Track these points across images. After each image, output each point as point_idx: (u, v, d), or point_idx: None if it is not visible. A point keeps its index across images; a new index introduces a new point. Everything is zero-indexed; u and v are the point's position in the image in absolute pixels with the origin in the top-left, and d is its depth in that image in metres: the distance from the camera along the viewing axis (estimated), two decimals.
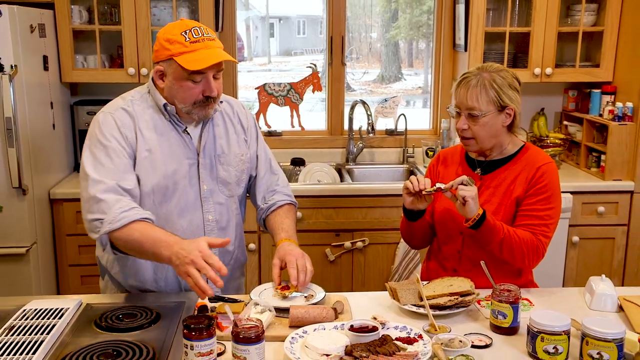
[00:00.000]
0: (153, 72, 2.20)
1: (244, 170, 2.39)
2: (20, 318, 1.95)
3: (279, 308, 2.05)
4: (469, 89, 2.26)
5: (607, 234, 3.78)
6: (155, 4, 3.83)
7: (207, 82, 2.14)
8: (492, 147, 2.34)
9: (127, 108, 2.21)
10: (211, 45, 2.13)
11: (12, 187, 3.22)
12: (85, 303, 2.12)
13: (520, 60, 4.02)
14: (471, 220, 2.15)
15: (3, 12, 3.10)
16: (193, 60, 2.08)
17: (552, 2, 3.81)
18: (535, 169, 2.28)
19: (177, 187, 2.22)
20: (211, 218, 2.29)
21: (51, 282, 3.56)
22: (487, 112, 2.25)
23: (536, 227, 2.24)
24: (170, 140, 2.22)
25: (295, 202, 2.50)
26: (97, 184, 2.07)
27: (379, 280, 3.71)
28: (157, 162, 2.19)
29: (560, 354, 1.77)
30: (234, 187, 2.36)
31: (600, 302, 2.14)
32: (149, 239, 2.00)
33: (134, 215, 2.04)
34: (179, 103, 2.18)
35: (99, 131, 2.16)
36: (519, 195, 2.29)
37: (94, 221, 2.06)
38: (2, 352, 1.74)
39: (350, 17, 4.32)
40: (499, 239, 2.18)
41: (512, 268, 2.32)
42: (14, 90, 3.13)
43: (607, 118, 3.79)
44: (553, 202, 2.28)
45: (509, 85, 2.26)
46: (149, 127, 2.20)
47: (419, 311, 2.05)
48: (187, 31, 2.10)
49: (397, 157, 4.34)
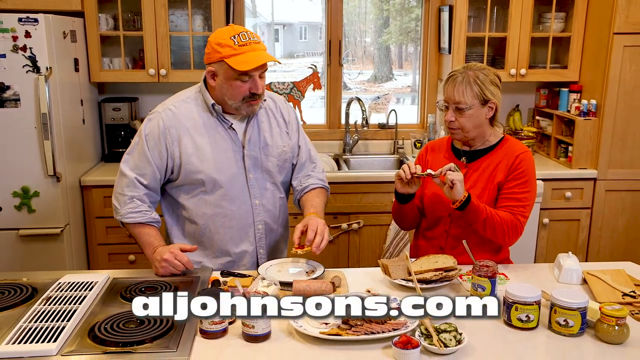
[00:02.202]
0: (205, 73, 2.21)
1: (287, 159, 2.40)
2: (55, 290, 1.96)
3: (283, 282, 2.05)
4: (455, 86, 2.26)
5: (573, 216, 3.78)
6: (173, 11, 3.82)
7: (253, 81, 2.15)
8: (475, 137, 2.33)
9: (173, 109, 2.25)
10: (257, 48, 2.13)
11: (48, 175, 3.23)
12: (112, 277, 2.13)
13: (498, 62, 4.00)
14: (458, 202, 2.14)
15: (40, 20, 3.10)
16: (242, 61, 2.09)
17: (525, 11, 3.80)
18: (515, 157, 2.29)
19: (226, 177, 2.25)
20: (258, 202, 2.32)
21: (82, 259, 3.57)
22: (472, 106, 2.25)
23: (515, 208, 2.25)
24: (218, 136, 2.25)
25: (327, 187, 2.50)
26: (122, 177, 2.25)
27: (372, 258, 3.71)
28: (206, 156, 2.22)
29: (531, 321, 1.78)
30: (276, 175, 2.37)
31: (567, 276, 2.15)
32: (139, 241, 2.26)
33: (138, 218, 2.23)
34: (228, 100, 2.19)
35: (142, 129, 2.25)
36: (500, 181, 2.29)
37: (114, 206, 2.27)
38: (41, 319, 1.75)
39: (346, 23, 4.30)
40: (482, 218, 2.18)
41: (491, 246, 2.33)
42: (49, 89, 3.13)
43: (573, 114, 3.79)
44: (529, 186, 2.28)
45: (490, 82, 2.26)
46: (197, 125, 2.23)
47: (408, 285, 2.05)
48: (236, 35, 2.11)
49: (388, 148, 4.33)
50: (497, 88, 2.29)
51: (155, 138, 2.20)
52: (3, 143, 3.18)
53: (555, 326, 1.76)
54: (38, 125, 3.17)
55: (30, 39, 3.10)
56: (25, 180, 3.24)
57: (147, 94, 4.09)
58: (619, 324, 1.70)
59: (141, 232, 2.24)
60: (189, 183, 2.26)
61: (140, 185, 2.23)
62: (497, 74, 2.31)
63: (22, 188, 3.24)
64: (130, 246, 3.58)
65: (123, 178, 2.24)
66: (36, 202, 3.27)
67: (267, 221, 2.36)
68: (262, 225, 2.34)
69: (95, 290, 1.98)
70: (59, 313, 1.79)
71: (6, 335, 1.68)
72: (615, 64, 3.60)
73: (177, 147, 2.21)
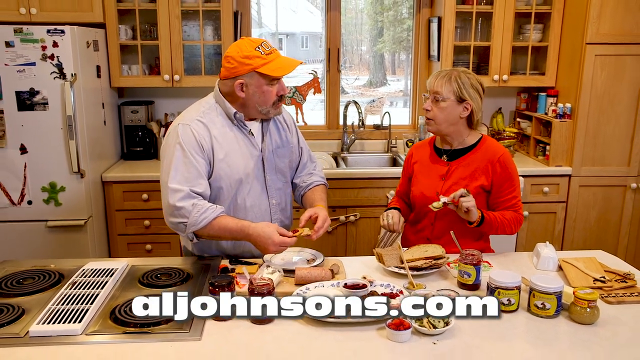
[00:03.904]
0: (235, 89, 2.09)
1: (293, 160, 2.38)
2: (80, 275, 1.97)
3: (287, 269, 2.05)
4: (437, 78, 2.28)
5: (550, 209, 3.79)
6: (186, 22, 3.81)
7: (280, 84, 2.13)
8: (449, 133, 2.32)
9: (201, 119, 2.13)
10: (280, 55, 2.10)
11: (73, 172, 3.23)
12: (130, 265, 2.14)
13: (482, 69, 4.00)
14: (475, 223, 2.17)
15: (66, 31, 3.10)
16: (276, 68, 2.06)
17: (507, 22, 3.80)
18: (496, 160, 2.27)
19: (248, 179, 2.19)
20: (274, 202, 2.29)
21: (104, 248, 3.57)
22: (447, 99, 2.25)
23: (514, 205, 2.29)
24: (240, 142, 2.18)
25: (326, 183, 2.48)
26: (175, 193, 2.04)
27: (367, 247, 3.72)
28: (232, 161, 2.15)
29: (512, 304, 1.78)
30: (287, 174, 2.36)
31: (544, 263, 2.15)
32: (227, 232, 2.06)
33: (210, 215, 2.04)
34: (260, 106, 2.13)
35: (177, 141, 2.08)
36: (484, 184, 2.28)
37: (179, 224, 2.06)
38: (68, 302, 1.76)
39: (344, 33, 4.29)
40: (495, 227, 2.24)
41: (473, 236, 2.33)
42: (74, 93, 3.14)
43: (551, 116, 3.78)
44: (516, 181, 2.31)
45: (471, 85, 2.25)
46: (222, 133, 2.15)
47: (400, 272, 2.06)
48: (259, 46, 2.06)
49: (382, 147, 4.32)
50: (477, 93, 2.27)
51: (196, 147, 2.08)
52: (33, 143, 3.18)
53: (533, 309, 1.77)
54: (64, 126, 3.17)
55: (57, 49, 3.10)
56: (53, 177, 3.24)
57: (162, 98, 4.09)
58: (590, 306, 1.70)
59: (222, 227, 2.06)
60: (217, 187, 2.16)
61: (195, 195, 2.06)
62: (480, 82, 2.29)
63: (50, 183, 3.25)
64: (147, 236, 3.59)
65: (176, 193, 2.03)
66: (62, 196, 3.27)
67: (281, 219, 2.33)
68: (277, 222, 2.30)
69: (116, 276, 1.99)
70: (83, 297, 1.80)
71: (37, 316, 1.69)
72: (588, 71, 3.60)
73: (212, 154, 2.12)
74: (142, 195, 3.53)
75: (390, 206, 2.51)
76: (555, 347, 1.60)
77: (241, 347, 1.58)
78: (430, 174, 2.37)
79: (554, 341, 1.63)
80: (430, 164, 2.40)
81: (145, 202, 3.54)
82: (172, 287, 1.93)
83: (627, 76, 3.62)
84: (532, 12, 3.83)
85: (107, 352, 1.55)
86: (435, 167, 2.37)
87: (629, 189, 3.78)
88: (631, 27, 3.55)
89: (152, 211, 3.53)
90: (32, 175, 3.22)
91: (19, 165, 3.20)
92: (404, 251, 2.15)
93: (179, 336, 1.61)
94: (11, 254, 3.21)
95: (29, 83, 3.12)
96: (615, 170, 3.76)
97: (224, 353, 1.55)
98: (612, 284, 1.96)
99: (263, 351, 1.56)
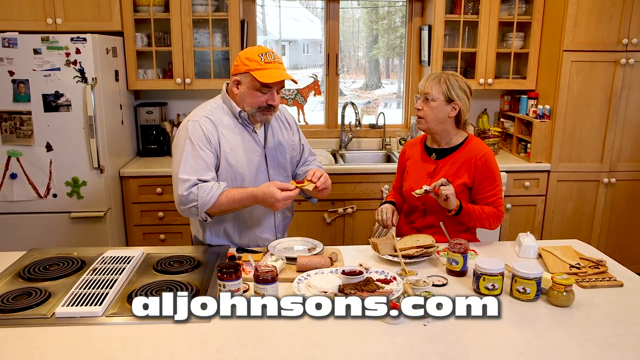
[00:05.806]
0: (230, 84, 2.14)
1: (294, 156, 2.38)
2: (100, 262, 1.97)
3: (289, 257, 2.05)
4: (428, 80, 2.27)
5: (531, 202, 3.78)
6: (197, 30, 3.80)
7: (272, 94, 2.10)
8: (438, 132, 2.31)
9: (209, 116, 2.13)
10: (280, 67, 2.09)
11: (93, 168, 3.23)
12: (146, 253, 2.14)
13: (469, 73, 3.99)
14: (453, 211, 2.16)
15: (88, 39, 3.10)
16: (265, 75, 2.04)
17: (492, 30, 3.79)
18: (478, 159, 2.26)
19: (252, 173, 2.19)
20: None
21: (121, 237, 3.57)
22: (436, 99, 2.24)
23: (494, 202, 2.27)
24: (244, 138, 2.18)
25: None
26: (184, 182, 2.04)
27: (363, 237, 3.72)
28: (237, 156, 2.15)
29: (496, 289, 1.78)
30: (288, 169, 2.35)
31: (525, 252, 2.15)
32: (235, 202, 2.06)
33: (216, 192, 2.03)
34: (247, 107, 2.13)
35: (188, 136, 2.09)
36: (466, 182, 2.27)
37: (191, 208, 2.05)
38: (89, 286, 1.76)
39: (342, 40, 4.28)
40: (473, 218, 2.21)
41: (461, 227, 2.33)
42: (94, 96, 3.13)
43: (531, 116, 3.78)
44: (497, 179, 2.28)
45: (459, 87, 2.25)
46: (228, 130, 2.15)
47: (394, 259, 2.05)
48: (263, 54, 2.06)
49: (377, 145, 4.32)
50: (465, 94, 2.26)
51: (204, 140, 2.08)
52: (58, 141, 3.18)
53: (515, 293, 1.77)
54: (85, 126, 3.17)
55: (79, 55, 3.09)
56: (75, 172, 3.24)
57: (175, 99, 4.08)
58: (566, 290, 1.71)
59: (229, 200, 2.05)
60: (222, 179, 2.16)
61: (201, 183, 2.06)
62: (468, 85, 2.29)
63: (73, 178, 3.25)
64: (161, 227, 3.59)
65: (185, 183, 2.03)
66: (84, 190, 3.27)
67: (284, 212, 2.33)
68: (280, 214, 2.31)
69: (132, 263, 1.99)
70: (103, 282, 1.80)
71: (61, 299, 1.70)
72: (565, 76, 3.60)
73: (219, 147, 2.12)
74: (157, 189, 3.53)
75: (387, 200, 2.50)
76: (536, 327, 1.60)
77: (248, 327, 1.58)
78: (419, 170, 2.37)
79: (534, 322, 1.63)
80: (420, 162, 2.39)
81: (159, 195, 3.54)
82: (184, 273, 1.93)
83: (600, 81, 3.62)
84: (515, 21, 3.82)
85: (125, 332, 1.55)
86: (424, 165, 2.37)
87: (602, 183, 3.78)
88: (603, 36, 3.56)
89: (166, 204, 3.53)
90: (56, 171, 3.22)
91: (45, 161, 3.20)
92: (397, 240, 2.15)
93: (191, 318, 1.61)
94: (38, 242, 3.22)
95: (54, 87, 3.11)
96: (590, 167, 3.76)
97: (232, 333, 1.55)
98: (586, 270, 1.96)
99: (268, 329, 1.56)
